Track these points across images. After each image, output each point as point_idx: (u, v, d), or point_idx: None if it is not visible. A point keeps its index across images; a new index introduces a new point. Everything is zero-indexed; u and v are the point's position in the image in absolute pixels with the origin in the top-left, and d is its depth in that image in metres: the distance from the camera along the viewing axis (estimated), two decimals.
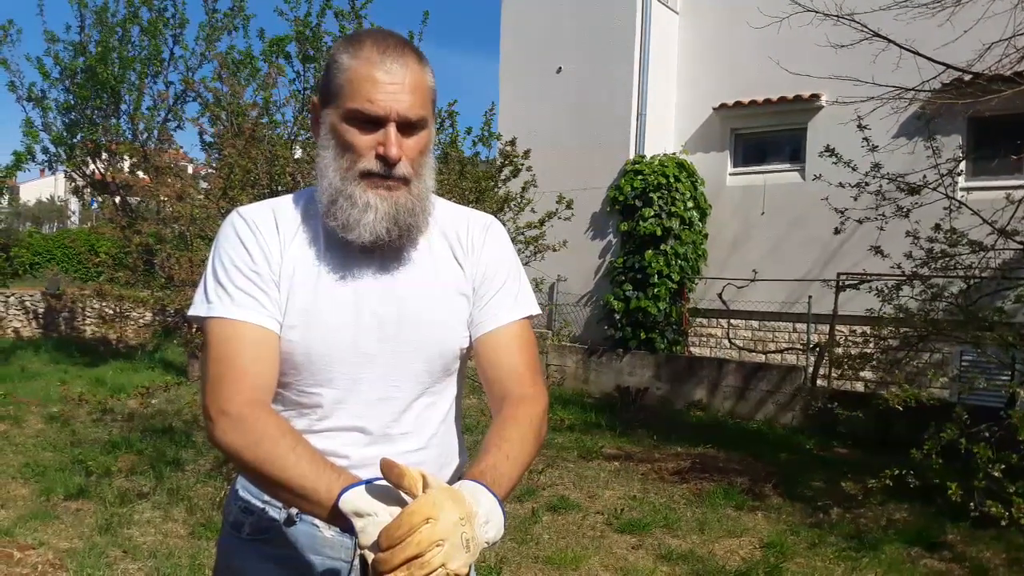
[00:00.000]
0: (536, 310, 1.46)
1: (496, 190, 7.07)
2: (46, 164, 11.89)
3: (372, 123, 1.26)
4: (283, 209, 1.37)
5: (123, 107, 11.42)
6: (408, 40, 1.33)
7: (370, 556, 1.03)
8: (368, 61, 1.26)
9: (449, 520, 0.99)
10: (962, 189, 8.09)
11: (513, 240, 6.97)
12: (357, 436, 1.34)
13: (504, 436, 1.25)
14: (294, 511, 1.34)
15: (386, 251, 1.34)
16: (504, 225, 1.54)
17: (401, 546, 0.97)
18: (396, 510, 1.05)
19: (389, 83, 1.25)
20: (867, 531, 5.05)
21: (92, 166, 11.70)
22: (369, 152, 1.27)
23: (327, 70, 1.32)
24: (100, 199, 12.02)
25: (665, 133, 10.91)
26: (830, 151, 6.07)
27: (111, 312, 12.75)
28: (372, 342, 1.33)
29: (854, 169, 6.05)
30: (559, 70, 11.26)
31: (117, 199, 11.39)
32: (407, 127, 1.28)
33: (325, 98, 1.32)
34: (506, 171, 7.22)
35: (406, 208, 1.29)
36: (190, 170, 9.62)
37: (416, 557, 0.97)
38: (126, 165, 10.79)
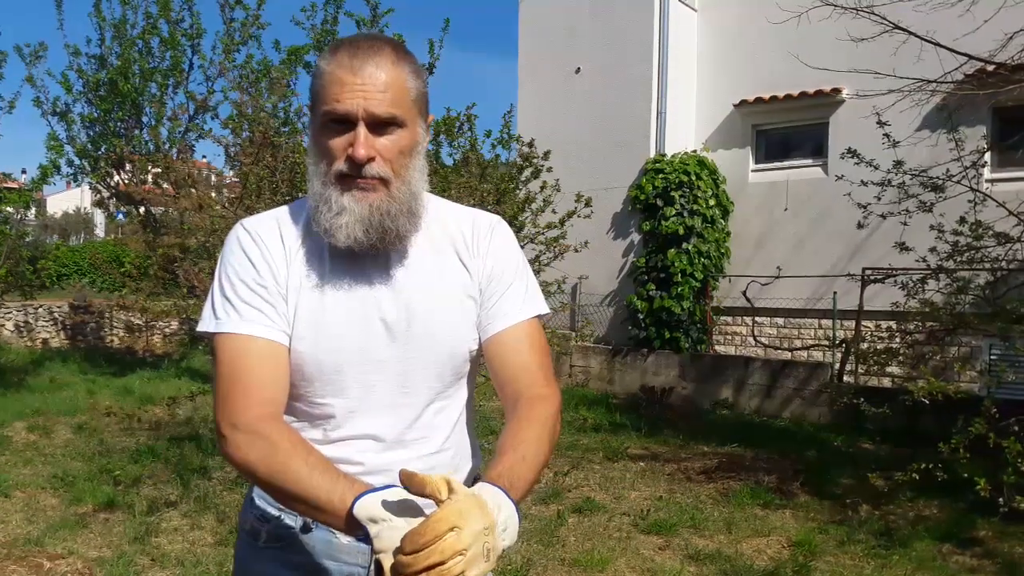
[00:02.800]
0: (545, 309, 1.45)
1: (517, 192, 7.08)
2: (71, 176, 12.06)
3: (343, 124, 1.26)
4: (287, 219, 1.38)
5: (144, 119, 11.56)
6: (391, 41, 1.32)
7: (385, 561, 1.04)
8: (339, 64, 1.26)
9: (473, 530, 1.00)
10: (987, 181, 7.97)
11: (533, 241, 7.00)
12: (371, 443, 1.34)
13: (520, 437, 1.25)
14: (310, 519, 1.34)
15: (391, 256, 1.34)
16: (525, 226, 1.54)
17: (425, 552, 0.97)
18: (411, 516, 1.06)
19: (359, 84, 1.24)
20: (896, 528, 4.99)
21: (116, 177, 11.85)
22: (342, 154, 1.27)
23: (311, 79, 1.33)
24: (125, 210, 12.17)
25: (686, 131, 10.85)
26: (852, 152, 6.01)
27: (138, 323, 12.90)
28: (381, 348, 1.33)
29: (876, 168, 5.98)
30: (578, 70, 11.24)
31: (141, 210, 11.53)
32: (379, 126, 1.26)
33: (310, 107, 1.34)
34: (526, 172, 7.22)
35: (381, 210, 1.28)
36: (212, 179, 9.72)
37: (439, 564, 0.97)
38: (149, 177, 10.91)
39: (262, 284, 1.30)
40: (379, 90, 1.25)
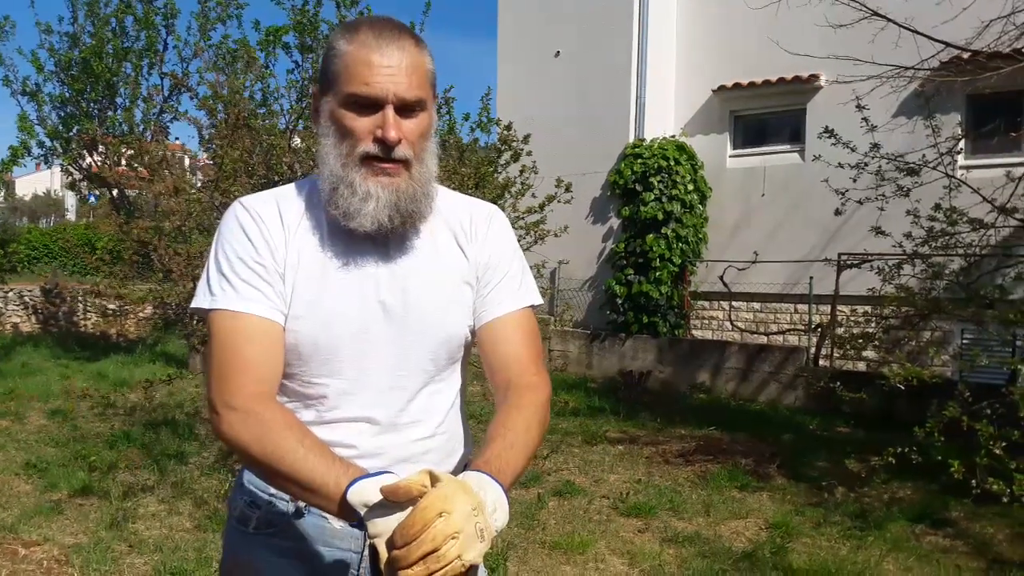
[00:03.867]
0: (539, 299, 1.46)
1: (496, 176, 7.05)
2: (42, 158, 11.86)
3: (370, 107, 1.25)
4: (287, 199, 1.36)
5: (119, 100, 11.37)
6: (405, 25, 1.31)
7: (381, 546, 1.03)
8: (364, 45, 1.25)
9: (462, 512, 0.99)
10: (962, 167, 8.06)
11: (513, 225, 6.98)
12: (365, 426, 1.33)
13: (508, 425, 1.25)
14: (302, 503, 1.33)
15: (390, 239, 1.33)
16: (504, 211, 1.54)
17: (417, 542, 0.97)
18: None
19: (386, 66, 1.24)
20: (871, 510, 5.06)
21: (88, 159, 11.67)
22: (367, 136, 1.26)
23: (325, 58, 1.32)
24: (98, 193, 12.00)
25: (665, 116, 10.85)
26: (829, 132, 6.04)
27: (111, 308, 12.75)
28: (378, 330, 1.32)
29: (853, 150, 6.02)
30: (557, 54, 11.20)
31: (114, 192, 11.36)
32: (405, 109, 1.27)
33: (324, 86, 1.32)
34: (506, 156, 7.19)
35: (407, 194, 1.29)
36: (187, 162, 9.59)
37: (432, 552, 0.97)
38: (123, 160, 10.75)
39: (260, 262, 1.28)
40: (406, 73, 1.25)
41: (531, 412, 1.29)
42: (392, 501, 1.04)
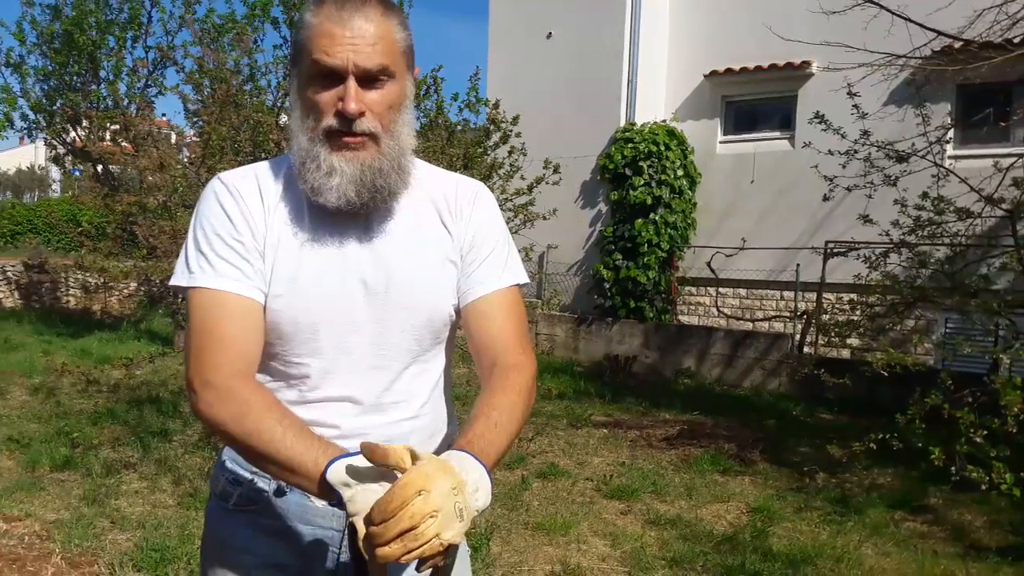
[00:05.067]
0: (525, 279, 1.44)
1: (485, 157, 7.01)
2: (25, 132, 11.72)
3: (331, 78, 1.22)
4: (266, 174, 1.33)
5: (102, 73, 11.23)
6: None
7: (359, 524, 1.03)
8: (326, 16, 1.22)
9: (441, 491, 0.99)
10: (950, 157, 8.08)
11: (501, 207, 6.96)
12: (348, 406, 1.32)
13: (493, 404, 1.24)
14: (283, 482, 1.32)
15: (371, 215, 1.31)
16: (492, 192, 1.52)
17: (395, 519, 0.96)
18: (384, 481, 1.05)
19: (347, 35, 1.21)
20: (852, 495, 5.10)
21: (72, 133, 11.53)
22: (330, 109, 1.23)
23: (294, 32, 1.30)
24: (82, 167, 11.88)
25: (656, 101, 10.83)
26: (819, 117, 6.04)
27: (94, 284, 12.65)
28: (360, 309, 1.30)
29: (843, 136, 6.03)
30: (549, 35, 11.13)
31: (99, 167, 11.24)
32: (368, 80, 1.23)
33: (293, 60, 1.30)
34: (494, 137, 7.15)
35: (374, 168, 1.26)
36: (173, 138, 9.50)
37: (410, 529, 0.96)
38: (107, 135, 10.63)
39: (238, 239, 1.26)
40: (368, 43, 1.22)
41: (516, 392, 1.28)
42: (369, 460, 1.04)
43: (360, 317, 1.30)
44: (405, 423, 1.35)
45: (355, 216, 1.30)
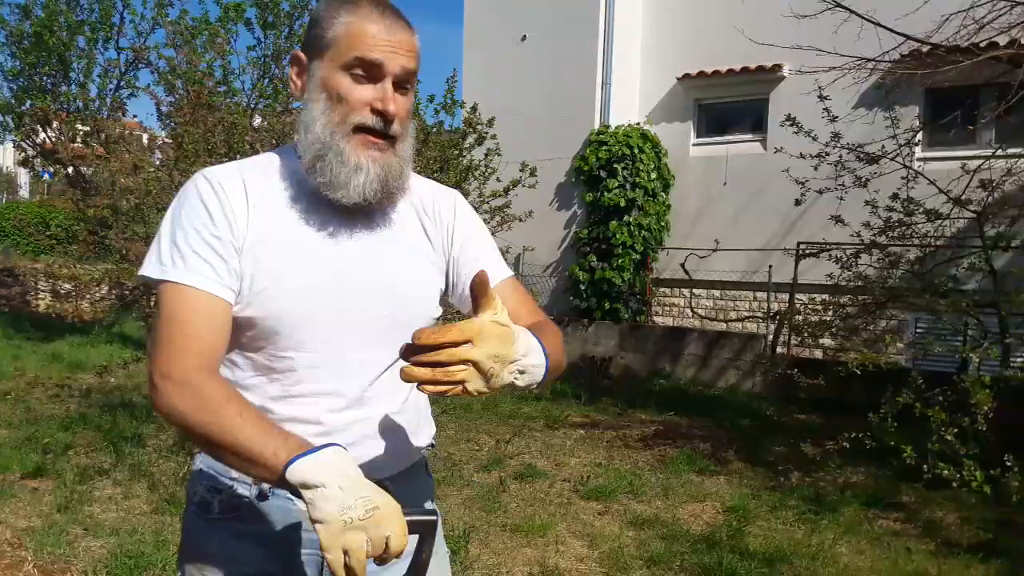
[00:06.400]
0: (511, 274, 1.49)
1: (460, 159, 7.01)
2: None
3: (369, 76, 1.25)
4: (252, 171, 1.33)
5: (72, 75, 11.09)
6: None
7: (320, 528, 1.04)
8: (369, 17, 1.26)
9: (487, 352, 1.08)
10: (919, 159, 8.20)
11: (478, 209, 6.97)
12: (331, 401, 1.32)
13: (544, 333, 1.25)
14: (266, 485, 1.31)
15: (358, 214, 1.32)
16: (469, 195, 1.55)
17: (436, 351, 1.06)
18: (344, 481, 1.05)
19: (392, 39, 1.26)
20: (826, 494, 5.16)
21: (42, 135, 11.37)
22: (364, 107, 1.26)
23: (318, 24, 1.29)
24: (52, 170, 11.72)
25: (630, 103, 10.87)
26: (791, 120, 6.11)
27: (67, 288, 12.47)
28: (344, 306, 1.31)
29: (814, 139, 6.10)
30: (524, 38, 11.15)
31: (70, 170, 11.09)
32: (400, 85, 1.28)
33: (316, 51, 1.29)
34: (470, 139, 7.16)
35: (394, 171, 1.30)
36: (145, 140, 9.40)
37: (444, 364, 1.06)
38: (78, 137, 10.49)
39: (215, 235, 1.25)
40: (407, 49, 1.28)
41: (554, 334, 1.31)
42: (474, 292, 1.13)
43: (345, 313, 1.31)
44: (389, 418, 1.36)
45: (343, 213, 1.31)
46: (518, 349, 1.13)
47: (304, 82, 1.31)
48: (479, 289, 1.12)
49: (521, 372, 1.14)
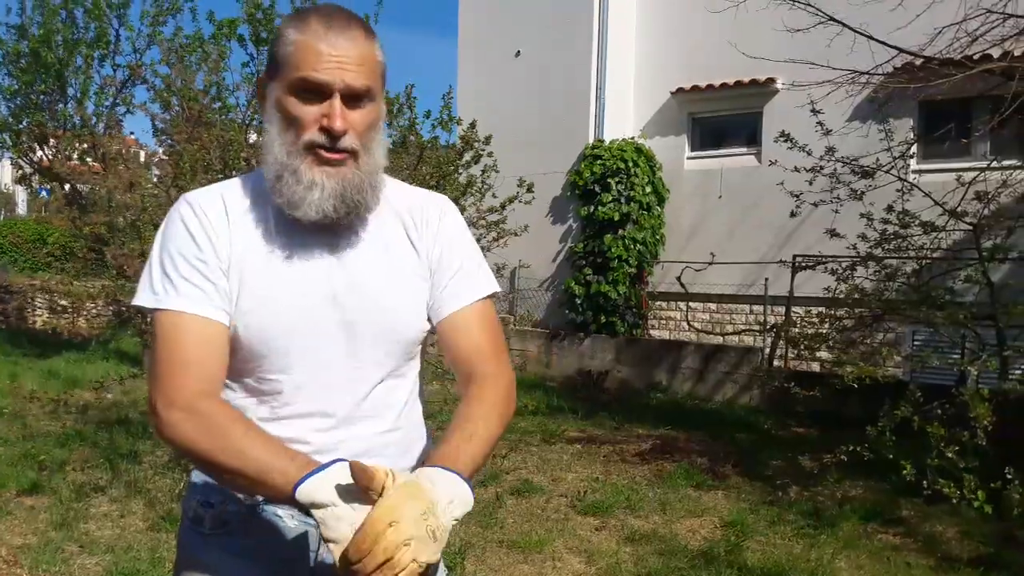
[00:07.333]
0: (496, 287, 1.46)
1: (457, 175, 7.02)
2: None
3: (317, 95, 1.25)
4: (232, 192, 1.34)
5: (70, 91, 11.12)
6: (356, 15, 1.31)
7: (333, 551, 1.05)
8: (315, 33, 1.24)
9: (411, 518, 1.02)
10: (914, 172, 8.21)
11: (475, 225, 6.97)
12: (320, 421, 1.32)
13: (467, 416, 1.26)
14: (259, 499, 1.31)
15: (339, 231, 1.32)
16: (466, 210, 1.55)
17: (371, 556, 0.99)
18: (354, 501, 1.06)
19: (335, 54, 1.24)
20: (824, 508, 5.14)
21: (40, 153, 11.39)
22: (313, 125, 1.25)
23: (273, 44, 1.31)
24: (49, 187, 11.73)
25: (624, 117, 10.91)
26: (785, 136, 6.13)
27: (63, 304, 12.45)
28: (330, 325, 1.31)
29: (809, 153, 6.12)
30: (518, 54, 11.20)
31: (67, 187, 11.10)
32: (353, 99, 1.26)
33: (271, 72, 1.30)
34: (467, 156, 7.16)
35: (353, 184, 1.28)
36: (142, 157, 9.41)
37: (387, 561, 0.99)
38: (75, 154, 10.51)
39: (202, 259, 1.26)
40: (355, 63, 1.25)
41: (491, 402, 1.30)
42: (355, 480, 1.05)
43: (331, 332, 1.31)
44: (380, 436, 1.36)
45: (324, 231, 1.31)
46: (435, 491, 1.09)
47: (265, 104, 1.32)
48: (359, 481, 1.05)
49: (450, 502, 1.10)
